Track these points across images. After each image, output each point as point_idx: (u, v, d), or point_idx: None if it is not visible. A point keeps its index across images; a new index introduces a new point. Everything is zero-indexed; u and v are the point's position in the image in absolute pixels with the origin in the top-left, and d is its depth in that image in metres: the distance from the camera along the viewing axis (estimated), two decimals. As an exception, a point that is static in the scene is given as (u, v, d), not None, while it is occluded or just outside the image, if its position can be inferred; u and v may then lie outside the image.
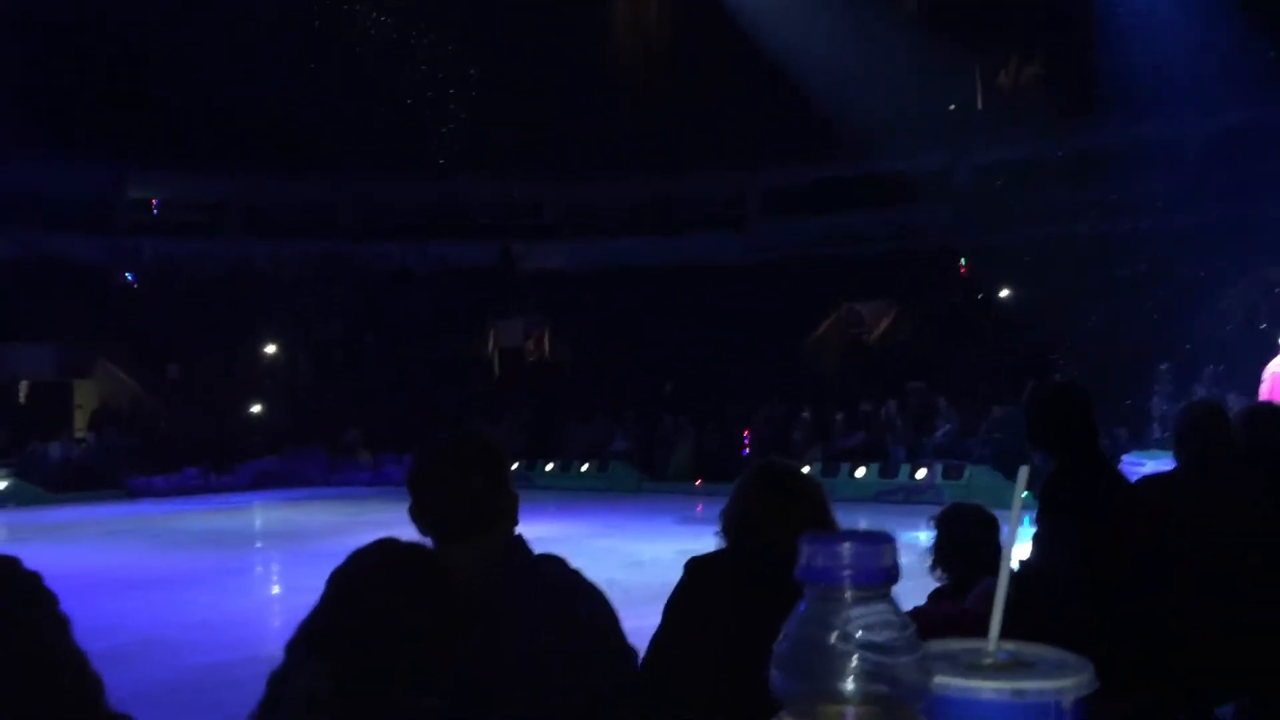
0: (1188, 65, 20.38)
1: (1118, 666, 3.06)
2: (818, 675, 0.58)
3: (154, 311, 25.62)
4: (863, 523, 14.15)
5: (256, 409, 25.32)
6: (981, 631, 0.74)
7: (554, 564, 2.28)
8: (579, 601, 2.24)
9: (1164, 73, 20.69)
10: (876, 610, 0.60)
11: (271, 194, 29.99)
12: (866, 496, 16.94)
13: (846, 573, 0.60)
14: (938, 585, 3.73)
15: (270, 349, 27.21)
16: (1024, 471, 0.77)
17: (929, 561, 3.64)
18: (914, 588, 4.02)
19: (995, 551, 3.73)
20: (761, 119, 27.02)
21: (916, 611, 3.48)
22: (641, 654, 2.50)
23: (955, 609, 3.07)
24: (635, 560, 11.00)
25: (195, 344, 24.98)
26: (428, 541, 2.26)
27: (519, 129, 28.64)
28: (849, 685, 0.58)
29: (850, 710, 0.58)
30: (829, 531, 0.62)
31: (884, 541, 0.61)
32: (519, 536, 2.27)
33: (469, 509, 2.19)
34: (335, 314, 27.20)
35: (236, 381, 25.07)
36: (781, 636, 0.61)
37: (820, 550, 0.60)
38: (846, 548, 0.60)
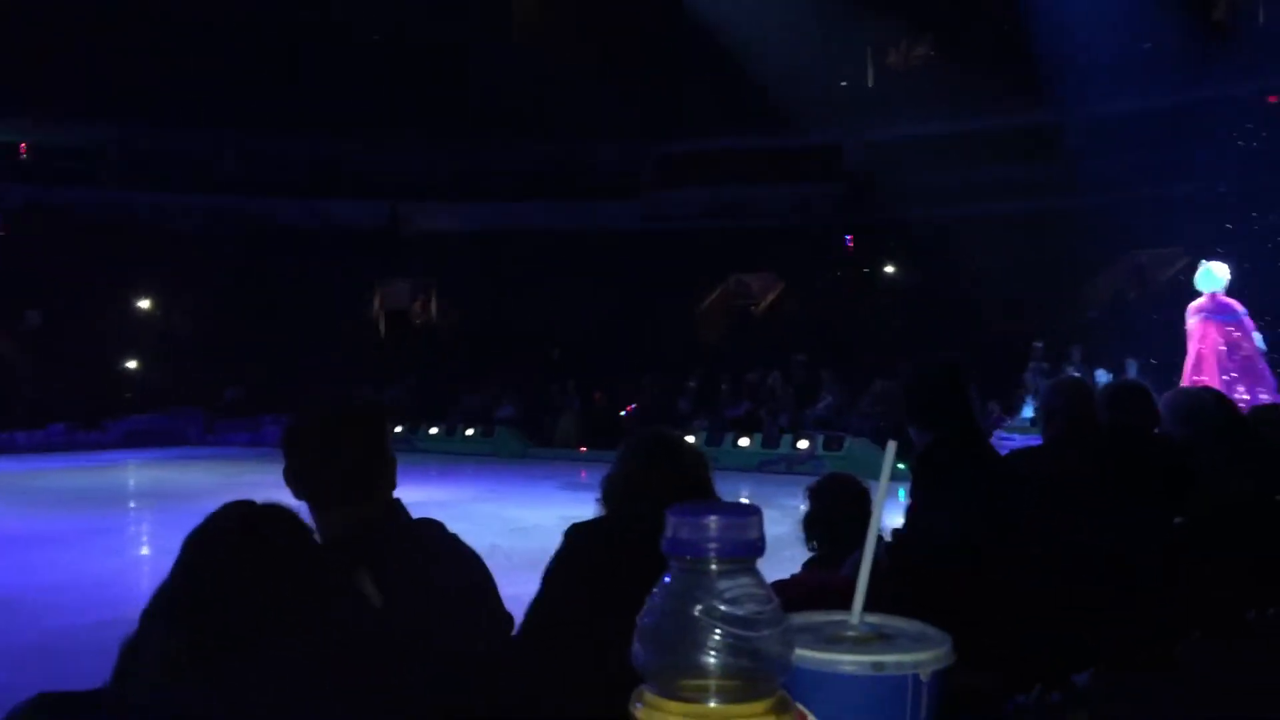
0: (1078, 51, 20.95)
1: (984, 636, 3.17)
2: (680, 649, 0.58)
3: (16, 256, 24.48)
4: (745, 492, 14.41)
5: (131, 365, 24.51)
6: (850, 601, 0.74)
7: (431, 528, 2.26)
8: (456, 566, 2.23)
9: (1055, 58, 21.24)
10: (741, 583, 0.60)
11: (152, 143, 28.78)
12: (749, 466, 17.18)
13: (712, 545, 0.59)
14: (810, 555, 3.81)
15: (146, 303, 26.32)
16: (891, 446, 0.77)
17: (802, 533, 3.71)
18: (793, 556, 4.10)
19: (867, 522, 3.81)
20: (658, 88, 27.01)
21: (790, 579, 3.55)
22: (520, 620, 2.50)
23: (828, 577, 3.13)
24: (518, 526, 10.98)
25: (61, 293, 23.97)
26: (302, 505, 2.22)
27: (413, 87, 28.07)
28: (711, 659, 0.58)
29: (712, 684, 0.58)
30: (695, 503, 0.61)
31: (750, 514, 0.60)
32: (396, 500, 2.23)
33: (344, 474, 2.15)
34: (217, 270, 26.39)
35: (109, 335, 24.19)
36: (645, 609, 0.61)
37: (686, 522, 0.60)
38: (712, 520, 0.59)
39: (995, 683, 3.10)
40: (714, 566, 0.59)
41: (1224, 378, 9.28)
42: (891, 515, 3.75)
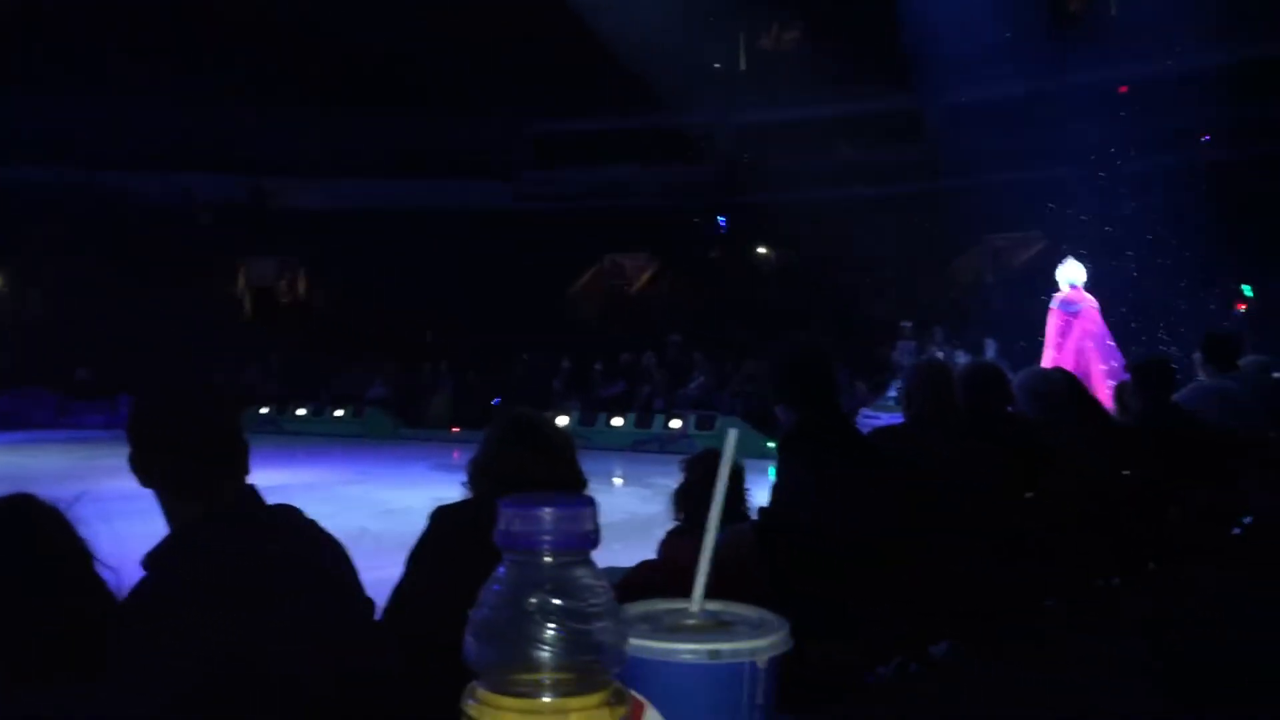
0: (942, 37, 21.47)
1: (845, 610, 3.24)
2: (513, 643, 0.57)
3: None
4: (618, 471, 14.48)
5: (-25, 343, 23.36)
6: (725, 578, 0.74)
7: (287, 515, 2.20)
8: (312, 553, 2.17)
9: (920, 44, 21.75)
10: (575, 575, 0.59)
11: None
12: (623, 446, 17.27)
13: (546, 539, 0.58)
14: (675, 524, 3.86)
15: (-9, 280, 25.11)
16: (733, 434, 0.77)
17: (673, 504, 3.75)
18: (663, 535, 4.14)
19: (738, 499, 3.87)
20: (532, 67, 26.79)
21: (659, 560, 3.58)
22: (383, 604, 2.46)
23: (696, 551, 3.16)
24: (387, 508, 10.83)
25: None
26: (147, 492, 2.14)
27: (281, 58, 27.22)
28: (545, 652, 0.57)
29: (546, 678, 0.57)
30: (527, 495, 0.60)
31: (584, 505, 0.60)
32: (251, 487, 2.16)
33: (192, 460, 2.08)
34: (69, 245, 25.24)
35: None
36: (478, 603, 0.60)
37: (518, 515, 0.59)
38: (546, 513, 0.58)
39: (855, 655, 3.18)
40: (547, 559, 0.58)
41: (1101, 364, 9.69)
42: (762, 494, 3.80)
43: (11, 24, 24.74)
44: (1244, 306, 17.32)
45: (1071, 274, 10.25)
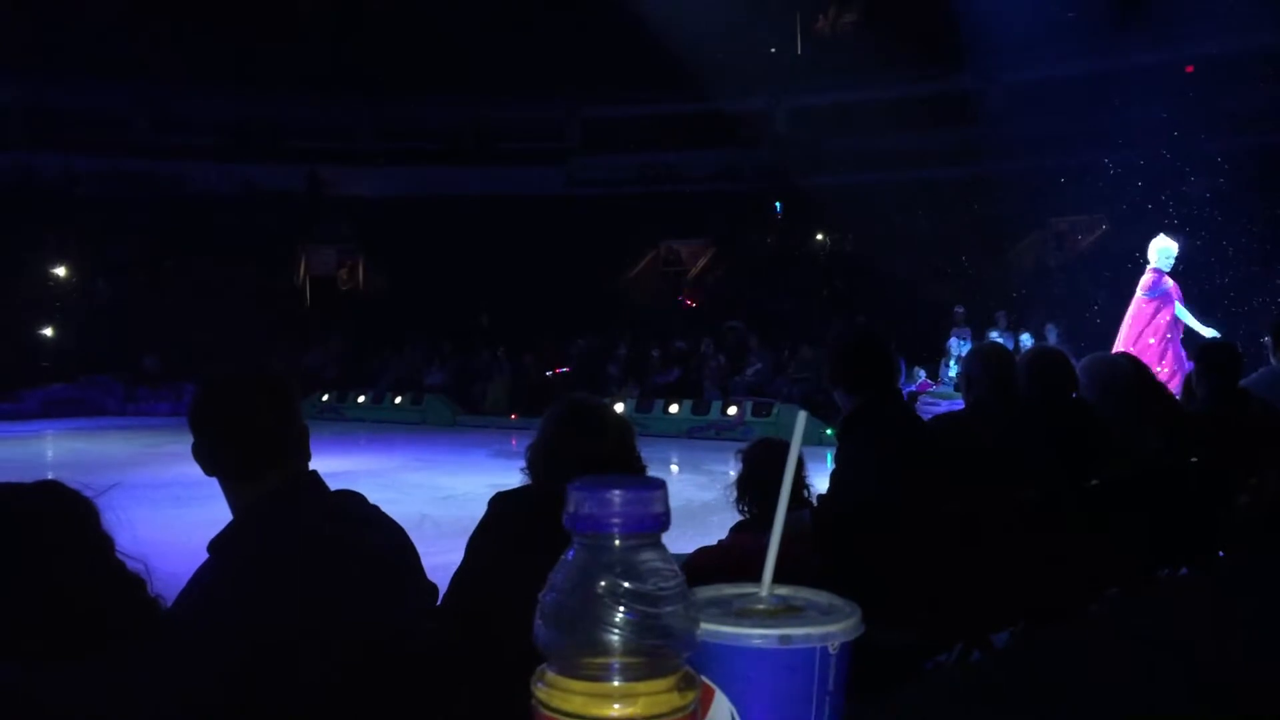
0: (1000, 18, 21.14)
1: (906, 597, 3.22)
2: (582, 627, 0.57)
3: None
4: (674, 458, 14.48)
5: (47, 332, 23.87)
6: (781, 565, 0.73)
7: (350, 499, 2.22)
8: (375, 537, 2.19)
9: (978, 25, 21.43)
10: (645, 559, 0.58)
11: (58, 102, 27.78)
12: (679, 432, 17.26)
13: (615, 521, 0.58)
14: (740, 519, 3.84)
15: (60, 270, 25.60)
16: (801, 417, 0.76)
17: (733, 495, 3.73)
18: (720, 522, 4.13)
19: (799, 486, 3.85)
20: (584, 52, 26.79)
21: (718, 546, 3.57)
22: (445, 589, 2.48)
23: (754, 543, 3.15)
24: (447, 494, 10.92)
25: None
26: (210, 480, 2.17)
27: (334, 47, 27.48)
28: (614, 636, 0.56)
29: (615, 663, 0.57)
30: (598, 477, 0.60)
31: (655, 488, 0.59)
32: (313, 472, 2.19)
33: (251, 446, 2.10)
34: (133, 235, 25.72)
35: (20, 302, 23.51)
36: (547, 587, 0.59)
37: (588, 498, 0.58)
38: (616, 495, 0.58)
39: (916, 642, 3.15)
40: (617, 542, 0.58)
41: (1149, 339, 9.55)
42: (820, 481, 3.78)
43: (71, 14, 25.18)
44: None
45: (1164, 246, 10.07)
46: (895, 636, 2.99)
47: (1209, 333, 9.56)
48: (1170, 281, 10.10)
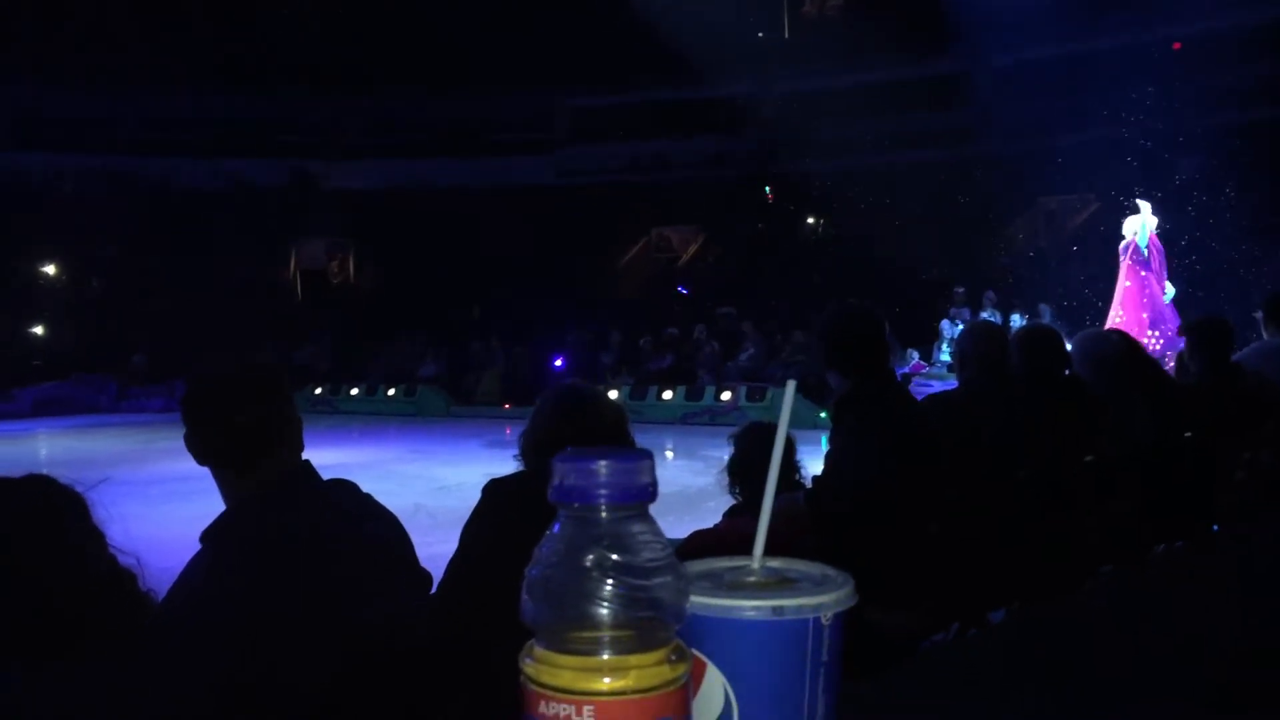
0: (983, 2, 21.12)
1: (902, 577, 3.21)
2: (570, 601, 0.56)
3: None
4: (669, 444, 14.48)
5: (37, 331, 23.80)
6: (775, 547, 0.72)
7: (343, 489, 2.21)
8: (368, 526, 2.19)
9: (965, 8, 21.40)
10: (633, 530, 0.57)
11: (44, 103, 27.63)
12: (673, 419, 17.27)
13: (602, 492, 0.57)
14: (734, 502, 3.83)
15: (50, 269, 25.51)
16: (791, 386, 0.75)
17: (726, 480, 3.73)
18: (716, 507, 4.12)
19: (791, 469, 3.85)
20: (570, 41, 26.70)
21: (712, 529, 3.56)
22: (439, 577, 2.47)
23: (748, 526, 3.14)
24: (442, 485, 10.92)
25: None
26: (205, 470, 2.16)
27: (319, 41, 27.32)
28: (603, 610, 0.55)
29: (604, 636, 0.56)
30: (582, 449, 0.59)
31: (641, 458, 0.58)
32: (306, 463, 2.18)
33: (243, 436, 2.10)
34: (122, 233, 25.62)
35: (11, 301, 23.43)
36: (533, 561, 0.58)
37: (573, 469, 0.57)
38: (601, 465, 0.57)
39: (913, 621, 3.15)
40: (604, 514, 0.57)
41: (1143, 315, 9.55)
42: (815, 464, 3.77)
43: (58, 13, 25.03)
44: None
45: (1139, 223, 10.05)
46: (892, 617, 2.99)
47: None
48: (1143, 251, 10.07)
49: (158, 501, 8.68)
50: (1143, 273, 9.88)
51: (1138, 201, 10.31)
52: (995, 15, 21.28)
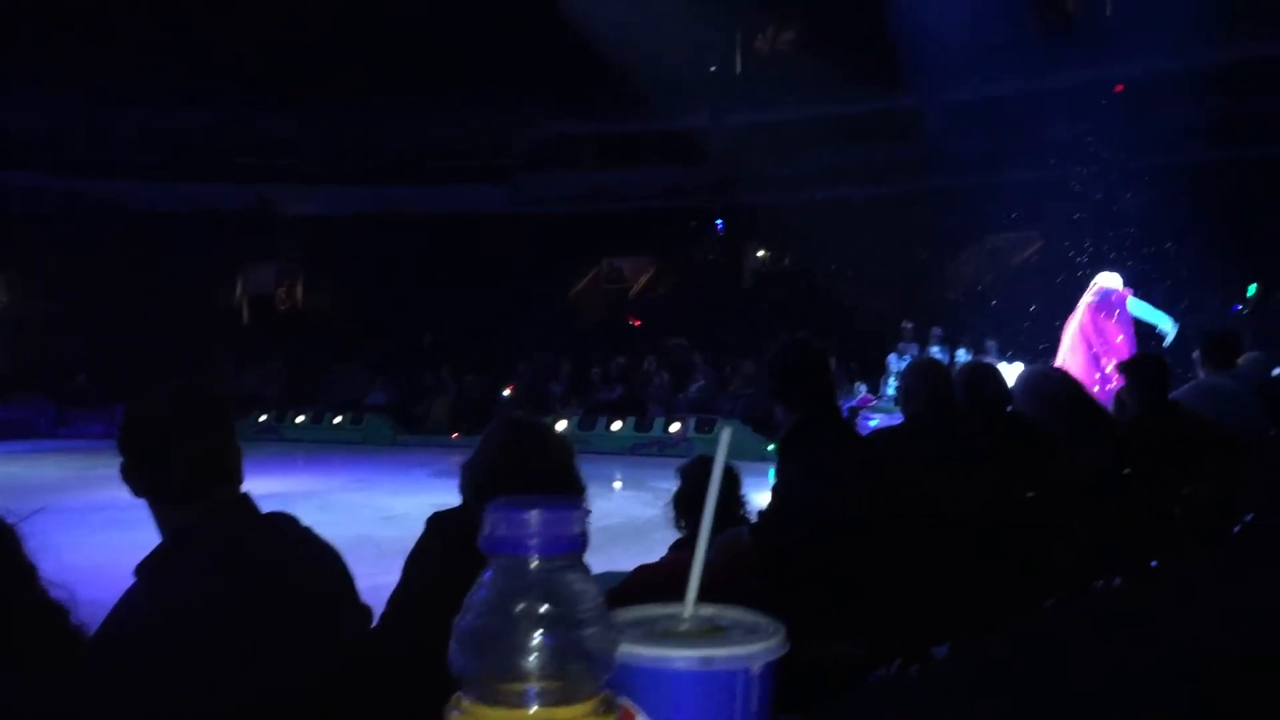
0: (937, 39, 21.47)
1: (842, 609, 3.22)
2: (499, 651, 0.55)
3: None
4: (617, 475, 14.45)
5: (-26, 352, 23.35)
6: (719, 582, 0.72)
7: (282, 522, 2.18)
8: (308, 560, 2.16)
9: (915, 45, 21.74)
10: (565, 580, 0.57)
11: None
12: (622, 449, 17.25)
13: (533, 542, 0.56)
14: (680, 536, 3.84)
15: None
16: (726, 432, 0.76)
17: (672, 513, 3.73)
18: (663, 539, 4.12)
19: (734, 504, 3.86)
20: (528, 71, 26.79)
21: (657, 564, 3.56)
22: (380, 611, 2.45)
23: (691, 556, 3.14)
24: (388, 515, 10.80)
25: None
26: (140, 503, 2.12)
27: (274, 62, 27.13)
28: (532, 661, 0.55)
29: (532, 688, 0.55)
30: (515, 497, 0.58)
31: (573, 507, 0.58)
32: (245, 495, 2.15)
33: (182, 467, 2.06)
34: (69, 254, 25.19)
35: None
36: (462, 610, 0.58)
37: (504, 519, 0.57)
38: (533, 515, 0.56)
39: (856, 655, 3.16)
40: (535, 565, 0.57)
41: (1092, 351, 9.61)
42: (763, 497, 3.79)
43: (9, 27, 24.65)
44: (1244, 305, 17.31)
45: (1109, 283, 10.12)
46: (835, 651, 2.99)
47: (1168, 324, 9.63)
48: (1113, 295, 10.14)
49: (98, 529, 8.49)
50: (1104, 315, 9.94)
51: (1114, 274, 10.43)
52: (944, 53, 21.67)
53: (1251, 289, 17.88)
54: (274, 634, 1.99)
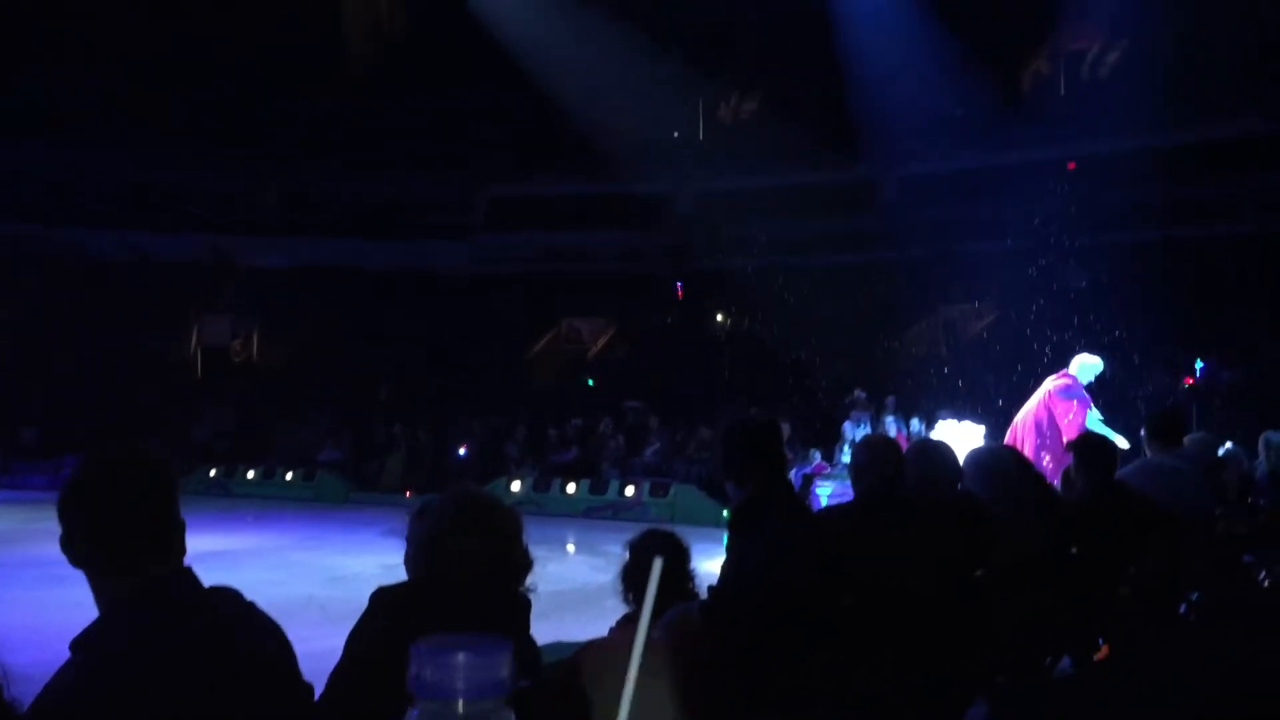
0: (895, 113, 21.90)
1: (793, 683, 3.21)
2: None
3: None
4: (571, 538, 14.36)
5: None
6: (670, 657, 0.72)
7: (224, 597, 2.15)
8: (249, 637, 2.12)
9: (874, 119, 22.16)
10: (489, 721, 0.57)
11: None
12: (576, 512, 17.14)
13: (459, 687, 0.56)
14: (627, 610, 3.81)
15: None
16: (658, 565, 0.76)
17: (619, 587, 3.71)
18: (614, 606, 4.09)
19: (684, 578, 3.84)
20: (490, 131, 26.98)
21: (604, 639, 3.53)
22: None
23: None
24: (337, 575, 10.63)
25: None
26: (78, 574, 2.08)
27: (235, 114, 27.11)
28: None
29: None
30: (440, 639, 0.59)
31: (499, 652, 0.58)
32: (187, 569, 2.11)
33: (123, 540, 2.02)
34: (19, 302, 24.77)
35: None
36: (387, 753, 0.58)
37: (430, 662, 0.57)
38: (459, 659, 0.56)
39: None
40: (460, 709, 0.57)
41: (1037, 439, 9.61)
42: (718, 561, 3.78)
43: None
44: (1191, 381, 17.60)
45: (1090, 363, 10.11)
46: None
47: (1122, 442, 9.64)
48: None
49: (37, 586, 8.29)
50: (1067, 400, 9.95)
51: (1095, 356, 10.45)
52: (903, 127, 22.09)
53: (1199, 365, 18.20)
54: (212, 714, 1.96)
